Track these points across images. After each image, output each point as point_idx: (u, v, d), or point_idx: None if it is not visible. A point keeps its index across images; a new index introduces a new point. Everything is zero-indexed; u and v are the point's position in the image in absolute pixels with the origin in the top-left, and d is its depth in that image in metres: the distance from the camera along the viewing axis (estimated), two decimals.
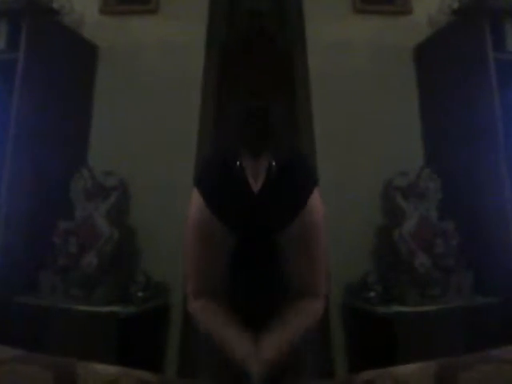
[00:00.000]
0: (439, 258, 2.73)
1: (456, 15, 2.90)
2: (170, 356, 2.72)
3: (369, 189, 2.90)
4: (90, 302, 2.56)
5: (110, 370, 1.20)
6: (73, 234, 2.71)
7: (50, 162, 2.75)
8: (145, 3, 3.20)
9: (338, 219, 2.75)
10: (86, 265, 2.64)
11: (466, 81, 2.78)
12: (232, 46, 2.93)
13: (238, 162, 1.33)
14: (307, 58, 2.87)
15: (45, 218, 2.67)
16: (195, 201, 1.36)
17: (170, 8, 3.17)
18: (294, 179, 1.36)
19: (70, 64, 2.94)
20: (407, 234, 2.77)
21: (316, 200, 1.36)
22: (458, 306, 2.63)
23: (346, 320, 2.83)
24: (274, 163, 1.33)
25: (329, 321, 2.70)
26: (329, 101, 2.87)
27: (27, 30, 2.70)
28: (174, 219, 2.70)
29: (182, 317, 2.68)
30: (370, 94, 2.97)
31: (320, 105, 2.83)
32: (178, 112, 2.90)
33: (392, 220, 2.85)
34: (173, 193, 2.73)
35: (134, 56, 3.11)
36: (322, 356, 2.45)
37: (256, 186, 1.32)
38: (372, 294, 2.70)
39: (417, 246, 2.76)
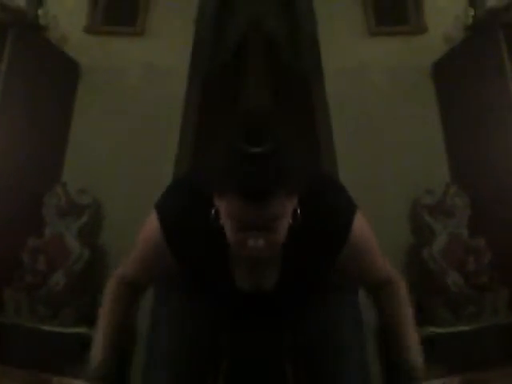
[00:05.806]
0: (472, 275, 2.67)
1: (471, 31, 2.90)
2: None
3: (395, 208, 2.85)
4: (56, 322, 2.54)
5: None
6: (42, 252, 2.68)
7: (25, 176, 2.75)
8: (130, 25, 3.27)
9: None
10: (54, 284, 2.62)
11: (485, 93, 2.76)
12: (215, 75, 2.95)
13: (213, 211, 1.09)
14: (324, 84, 2.90)
15: (14, 234, 2.64)
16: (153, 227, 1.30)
17: (155, 31, 3.23)
18: (325, 224, 1.16)
19: (51, 79, 3.01)
20: (437, 253, 2.71)
21: (358, 229, 1.20)
22: (494, 325, 2.55)
23: (378, 342, 2.77)
24: (298, 210, 1.07)
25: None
26: (349, 124, 2.88)
27: (11, 43, 2.78)
28: None
29: None
30: (391, 114, 2.97)
31: (340, 128, 2.84)
32: (157, 135, 2.91)
33: (420, 239, 2.81)
34: (146, 215, 2.76)
35: (116, 77, 3.14)
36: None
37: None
38: None
39: (448, 264, 2.70)
